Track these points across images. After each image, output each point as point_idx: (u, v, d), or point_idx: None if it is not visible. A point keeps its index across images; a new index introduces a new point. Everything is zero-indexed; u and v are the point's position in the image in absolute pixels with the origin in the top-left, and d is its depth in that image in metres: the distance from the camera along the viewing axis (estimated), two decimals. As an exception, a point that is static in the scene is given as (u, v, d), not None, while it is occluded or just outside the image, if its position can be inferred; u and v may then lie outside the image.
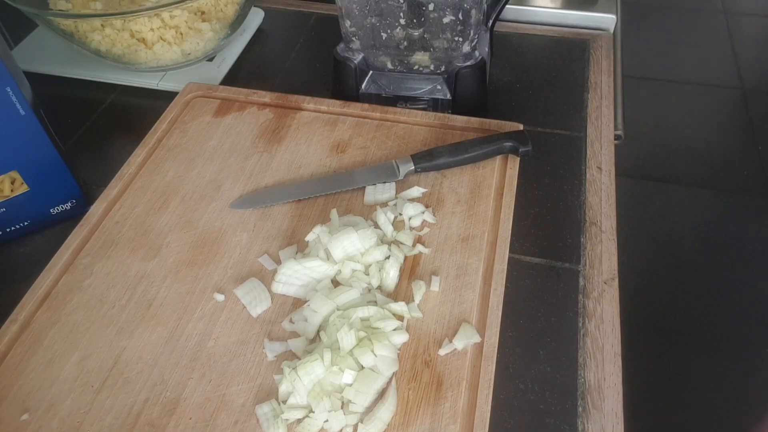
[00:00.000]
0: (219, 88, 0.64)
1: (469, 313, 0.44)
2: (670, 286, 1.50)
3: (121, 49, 0.65)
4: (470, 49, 0.59)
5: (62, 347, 0.44)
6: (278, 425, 0.39)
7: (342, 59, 0.62)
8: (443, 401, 0.40)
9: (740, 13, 2.33)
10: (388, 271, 0.46)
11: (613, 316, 0.49)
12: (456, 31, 0.57)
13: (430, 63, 0.61)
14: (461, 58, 0.60)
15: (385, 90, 0.63)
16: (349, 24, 0.59)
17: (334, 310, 0.44)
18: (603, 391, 0.44)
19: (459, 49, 0.59)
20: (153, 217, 0.52)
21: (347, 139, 0.58)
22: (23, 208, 0.53)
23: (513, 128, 0.57)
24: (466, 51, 0.59)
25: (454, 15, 0.56)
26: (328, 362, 0.41)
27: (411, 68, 0.61)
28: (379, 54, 0.60)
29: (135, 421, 0.40)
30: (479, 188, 0.53)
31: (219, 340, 0.44)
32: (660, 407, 1.28)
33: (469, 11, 0.55)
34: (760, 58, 2.14)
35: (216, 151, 0.58)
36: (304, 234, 0.50)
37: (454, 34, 0.58)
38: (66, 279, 0.48)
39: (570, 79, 0.69)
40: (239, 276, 0.48)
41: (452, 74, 0.60)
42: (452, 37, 0.58)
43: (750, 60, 2.12)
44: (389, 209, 0.51)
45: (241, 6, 0.70)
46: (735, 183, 1.73)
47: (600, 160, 0.60)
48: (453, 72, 0.60)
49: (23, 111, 0.48)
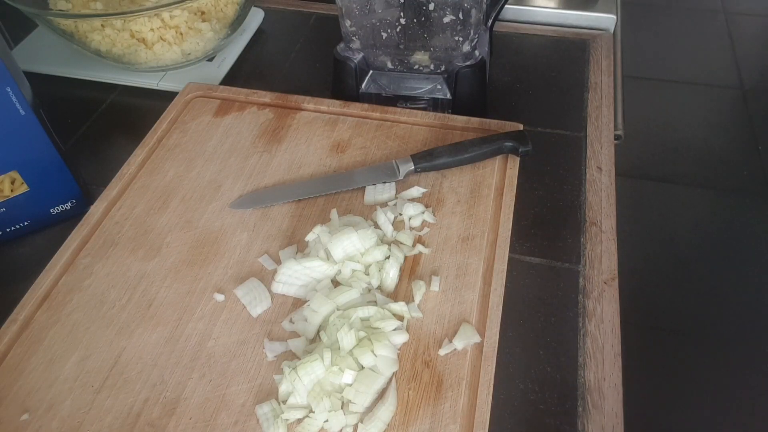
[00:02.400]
0: (219, 88, 0.64)
1: (469, 313, 0.44)
2: (670, 286, 1.50)
3: (121, 49, 0.65)
4: (470, 49, 0.59)
5: (62, 347, 0.44)
6: (278, 425, 0.39)
7: (342, 59, 0.62)
8: (443, 401, 0.40)
9: (740, 13, 2.33)
10: (388, 271, 0.46)
11: (613, 316, 0.48)
12: (456, 30, 0.57)
13: (430, 63, 0.61)
14: (461, 58, 0.60)
15: (385, 90, 0.63)
16: (349, 23, 0.59)
17: (334, 310, 0.44)
18: (603, 391, 0.44)
19: (459, 49, 0.59)
20: (153, 217, 0.52)
21: (347, 139, 0.58)
22: (23, 208, 0.53)
23: (513, 128, 0.57)
24: (466, 50, 0.59)
25: (454, 14, 0.56)
26: (328, 362, 0.41)
27: (411, 68, 0.61)
28: (379, 53, 0.60)
29: (135, 421, 0.40)
30: (479, 188, 0.53)
31: (219, 340, 0.44)
32: (660, 407, 1.29)
33: (469, 11, 0.55)
34: (760, 58, 2.14)
35: (216, 151, 0.58)
36: (304, 234, 0.50)
37: (454, 34, 0.58)
38: (66, 279, 0.48)
39: (570, 79, 0.69)
40: (239, 276, 0.48)
41: (452, 74, 0.60)
42: (452, 36, 0.58)
43: (750, 60, 2.12)
44: (389, 209, 0.51)
45: (241, 6, 0.70)
46: (735, 183, 1.73)
47: (600, 160, 0.60)
48: (453, 72, 0.60)
49: (23, 111, 0.48)
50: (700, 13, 2.34)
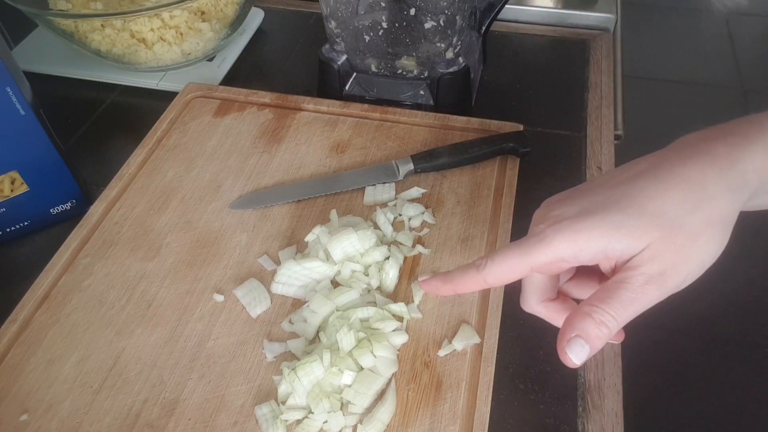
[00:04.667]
0: (219, 88, 0.64)
1: (469, 314, 0.44)
2: (670, 286, 1.49)
3: (121, 49, 0.65)
4: (453, 56, 0.59)
5: (61, 348, 0.44)
6: (277, 426, 0.39)
7: (326, 60, 0.61)
8: (443, 402, 0.40)
9: (740, 13, 2.33)
10: (387, 272, 0.46)
11: (612, 316, 0.48)
12: (438, 37, 0.57)
13: (416, 68, 0.60)
14: (444, 65, 0.59)
15: (369, 93, 0.62)
16: (333, 25, 0.58)
17: (334, 311, 0.44)
18: (603, 391, 0.44)
19: (442, 55, 0.58)
20: (153, 218, 0.52)
21: (347, 140, 0.58)
22: (23, 208, 0.53)
23: (513, 129, 0.57)
24: (449, 57, 0.59)
25: (435, 21, 0.55)
26: (327, 363, 0.41)
27: (395, 72, 0.61)
28: (365, 57, 0.60)
29: (134, 422, 0.40)
30: (479, 189, 0.53)
31: (218, 341, 0.44)
32: (660, 407, 1.28)
33: (453, 17, 0.55)
34: (760, 58, 2.14)
35: (216, 151, 0.58)
36: (303, 234, 0.50)
37: (437, 40, 0.57)
38: (65, 279, 0.48)
39: (570, 79, 0.69)
40: (239, 276, 0.48)
41: (434, 80, 0.60)
42: (435, 42, 0.57)
43: (750, 60, 2.12)
44: (389, 210, 0.51)
45: (241, 6, 0.70)
46: (735, 183, 1.73)
47: (600, 160, 0.60)
48: (435, 78, 0.60)
49: (23, 111, 0.48)
50: (700, 13, 2.34)
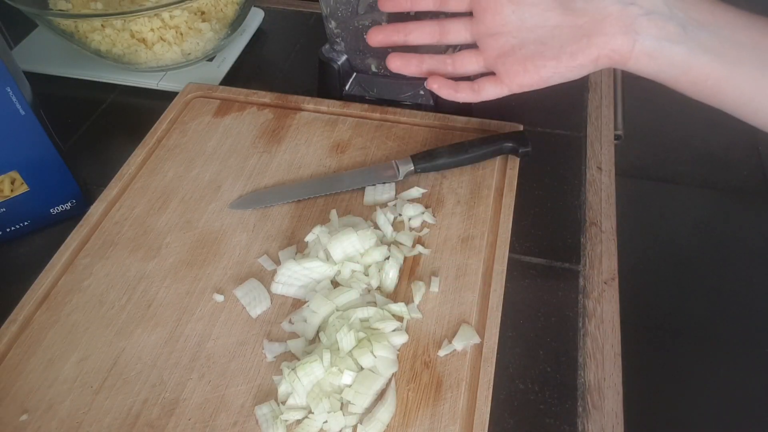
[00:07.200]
0: (219, 88, 0.64)
1: (469, 314, 0.44)
2: (670, 286, 1.50)
3: (121, 49, 0.65)
4: None
5: (61, 348, 0.44)
6: (277, 426, 0.39)
7: (326, 60, 0.61)
8: (443, 402, 0.40)
9: (740, 12, 2.33)
10: (387, 272, 0.46)
11: (613, 316, 0.48)
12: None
13: None
14: None
15: (369, 93, 0.62)
16: (333, 25, 0.58)
17: (334, 311, 0.44)
18: (603, 391, 0.44)
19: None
20: (152, 218, 0.52)
21: (347, 140, 0.58)
22: (23, 208, 0.53)
23: (513, 129, 0.57)
24: None
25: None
26: (327, 363, 0.41)
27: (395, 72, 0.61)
28: (365, 57, 0.60)
29: (134, 422, 0.40)
30: (479, 189, 0.53)
31: (218, 341, 0.44)
32: (660, 407, 1.29)
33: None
34: (760, 58, 2.14)
35: (216, 151, 0.58)
36: (303, 234, 0.50)
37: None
38: (65, 279, 0.48)
39: (570, 80, 0.69)
40: (239, 276, 0.48)
41: None
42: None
43: (750, 60, 2.12)
44: (389, 210, 0.51)
45: (241, 6, 0.70)
46: (735, 183, 1.73)
47: (600, 160, 0.60)
48: None
49: (23, 111, 0.48)
50: (700, 12, 2.33)
